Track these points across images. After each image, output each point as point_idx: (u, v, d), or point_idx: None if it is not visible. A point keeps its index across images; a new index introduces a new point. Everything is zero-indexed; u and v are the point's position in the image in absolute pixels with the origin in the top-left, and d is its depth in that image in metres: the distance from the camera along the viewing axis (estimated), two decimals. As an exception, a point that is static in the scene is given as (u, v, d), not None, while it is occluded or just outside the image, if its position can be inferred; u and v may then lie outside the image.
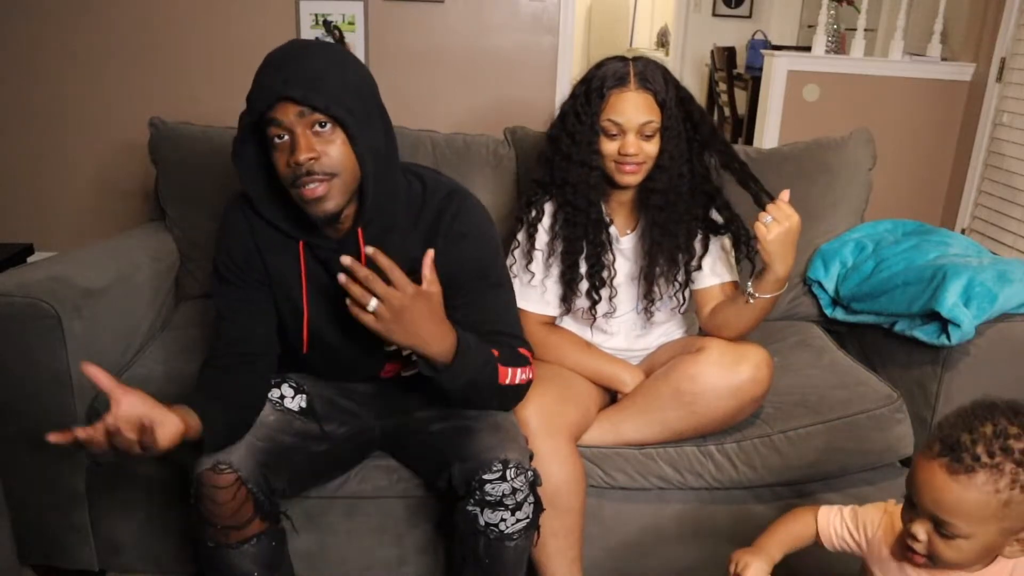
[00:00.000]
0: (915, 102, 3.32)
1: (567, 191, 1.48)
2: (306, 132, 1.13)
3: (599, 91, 1.43)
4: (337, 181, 1.16)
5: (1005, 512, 0.86)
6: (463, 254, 1.29)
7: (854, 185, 1.93)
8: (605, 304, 1.54)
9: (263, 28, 2.97)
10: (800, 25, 5.72)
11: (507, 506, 1.23)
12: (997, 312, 1.48)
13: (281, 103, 1.11)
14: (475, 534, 1.25)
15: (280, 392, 1.35)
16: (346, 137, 1.16)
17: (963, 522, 0.87)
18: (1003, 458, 0.86)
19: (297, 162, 1.12)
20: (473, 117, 3.08)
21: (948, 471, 0.87)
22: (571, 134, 1.46)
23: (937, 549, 0.90)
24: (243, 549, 1.23)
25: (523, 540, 1.27)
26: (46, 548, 1.57)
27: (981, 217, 3.24)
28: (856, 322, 1.80)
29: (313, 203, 1.16)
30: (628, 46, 7.22)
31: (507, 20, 3.07)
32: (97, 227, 3.11)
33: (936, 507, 0.88)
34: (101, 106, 2.99)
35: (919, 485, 0.90)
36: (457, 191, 1.34)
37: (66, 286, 1.46)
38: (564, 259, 1.51)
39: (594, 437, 1.49)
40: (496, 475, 1.21)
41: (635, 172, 1.44)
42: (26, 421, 1.46)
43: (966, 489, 0.86)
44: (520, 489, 1.23)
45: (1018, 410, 0.89)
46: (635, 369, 1.57)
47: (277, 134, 1.14)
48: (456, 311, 1.30)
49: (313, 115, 1.12)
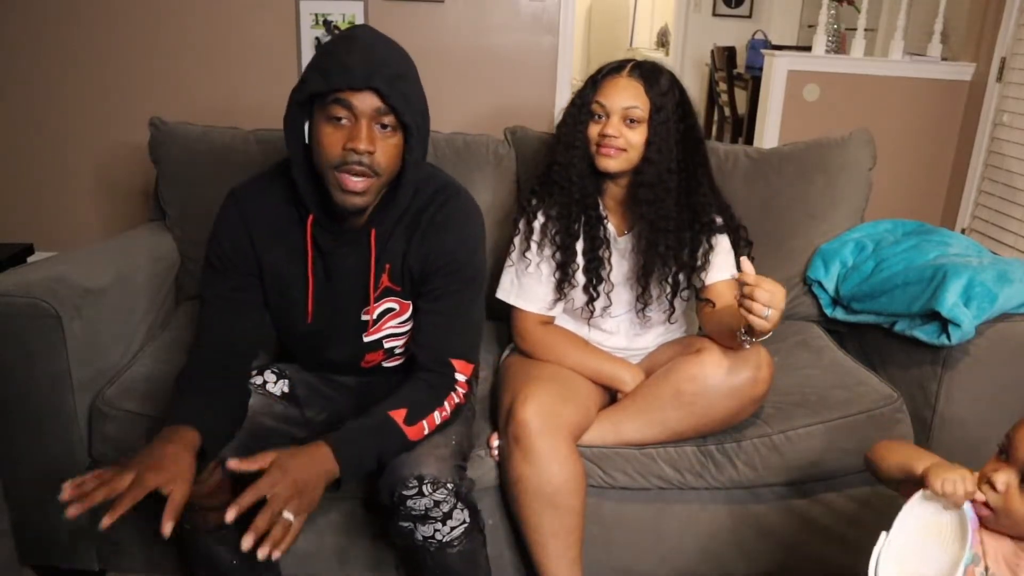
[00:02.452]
0: (915, 102, 3.32)
1: (557, 173, 1.50)
2: (372, 124, 1.14)
3: (594, 78, 1.48)
4: (376, 181, 1.17)
5: None
6: (439, 246, 1.30)
7: (854, 185, 1.93)
8: (603, 299, 1.54)
9: (263, 28, 2.97)
10: (800, 25, 5.72)
11: (435, 518, 1.22)
12: (997, 312, 1.48)
13: (363, 91, 1.12)
14: (417, 550, 1.25)
15: (263, 378, 1.37)
16: (403, 144, 1.17)
17: None
18: None
19: (356, 149, 1.12)
20: (473, 117, 3.08)
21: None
22: (566, 118, 1.50)
23: (1012, 502, 0.92)
24: (221, 534, 1.23)
25: (467, 544, 1.27)
26: (46, 548, 1.57)
27: (981, 217, 3.24)
28: (856, 322, 1.80)
29: (348, 194, 1.17)
30: (628, 46, 7.22)
31: (507, 20, 3.07)
32: (97, 227, 3.11)
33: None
34: (101, 106, 2.99)
35: (1020, 438, 0.92)
36: (449, 185, 1.35)
37: (66, 286, 1.46)
38: (560, 243, 1.51)
39: (594, 437, 1.49)
40: (413, 491, 1.20)
41: (614, 157, 1.45)
42: (26, 421, 1.46)
43: None
44: (444, 501, 1.21)
45: None
46: (635, 369, 1.57)
47: (340, 115, 1.14)
48: (421, 299, 1.33)
49: (386, 115, 1.14)
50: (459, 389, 1.32)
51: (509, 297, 1.57)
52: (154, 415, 1.46)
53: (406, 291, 1.34)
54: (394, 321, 1.36)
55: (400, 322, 1.37)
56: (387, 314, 1.35)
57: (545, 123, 3.14)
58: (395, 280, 1.32)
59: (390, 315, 1.35)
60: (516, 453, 1.37)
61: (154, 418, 1.45)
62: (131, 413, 1.46)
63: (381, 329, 1.36)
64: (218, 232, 1.31)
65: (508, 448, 1.39)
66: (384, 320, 1.36)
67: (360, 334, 1.36)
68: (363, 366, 1.41)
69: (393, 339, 1.38)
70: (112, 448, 1.47)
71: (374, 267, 1.29)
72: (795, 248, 1.91)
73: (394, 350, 1.40)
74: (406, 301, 1.35)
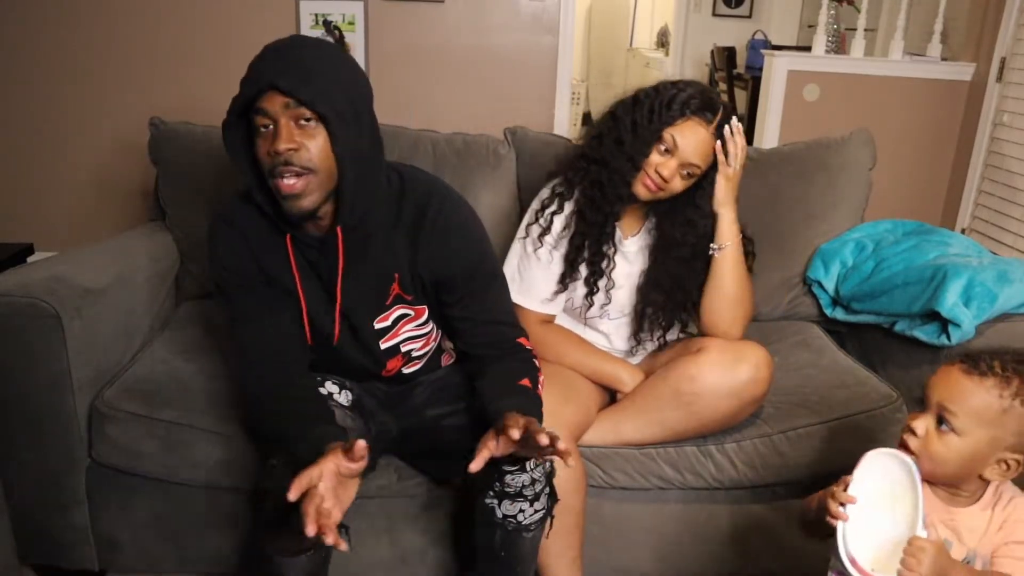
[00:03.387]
0: (915, 102, 3.32)
1: (602, 172, 1.46)
2: (289, 123, 1.14)
3: (684, 105, 1.40)
4: (313, 178, 1.16)
5: (1001, 420, 0.96)
6: (450, 251, 1.29)
7: (854, 185, 1.93)
8: (602, 295, 1.54)
9: (263, 28, 2.97)
10: (800, 25, 5.72)
11: (526, 497, 1.23)
12: (997, 312, 1.48)
13: (270, 92, 1.12)
14: (491, 526, 1.26)
15: (326, 389, 1.33)
16: (327, 135, 1.16)
17: (963, 415, 0.97)
18: (1013, 374, 0.97)
19: (276, 151, 1.12)
20: (473, 117, 3.08)
21: (964, 372, 0.99)
22: (635, 126, 1.42)
23: (930, 444, 0.99)
24: (297, 560, 1.22)
25: (538, 532, 1.28)
26: (46, 548, 1.57)
27: (981, 217, 3.24)
28: (856, 322, 1.80)
29: (290, 199, 1.16)
30: (628, 46, 7.22)
31: (507, 20, 3.06)
32: (97, 227, 3.10)
33: (945, 398, 0.98)
34: (101, 106, 2.99)
35: (935, 381, 1.01)
36: (436, 186, 1.34)
37: (66, 286, 1.46)
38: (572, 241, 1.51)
39: (594, 437, 1.49)
40: (516, 466, 1.21)
41: (652, 191, 1.44)
42: (26, 421, 1.46)
43: (976, 386, 0.97)
44: (539, 480, 1.23)
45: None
46: (635, 369, 1.57)
47: (263, 123, 1.15)
48: (452, 308, 1.31)
49: (299, 108, 1.13)
50: (536, 362, 1.33)
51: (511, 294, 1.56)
52: (153, 416, 1.46)
53: (418, 298, 1.33)
54: (410, 325, 1.36)
55: (416, 325, 1.36)
56: (402, 319, 1.34)
57: (545, 123, 3.14)
58: (405, 289, 1.31)
59: (405, 320, 1.35)
60: (516, 453, 1.37)
61: (153, 420, 1.45)
62: (131, 414, 1.46)
63: (397, 335, 1.35)
64: (218, 252, 1.29)
65: (508, 448, 1.39)
66: (400, 325, 1.35)
67: (376, 341, 1.34)
68: (384, 375, 1.40)
69: (411, 342, 1.38)
70: (112, 448, 1.47)
71: (342, 268, 1.26)
72: (795, 248, 1.91)
73: (412, 353, 1.39)
74: (420, 306, 1.34)
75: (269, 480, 1.17)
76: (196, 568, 1.57)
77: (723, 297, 1.52)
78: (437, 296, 1.33)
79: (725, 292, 1.52)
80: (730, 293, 1.52)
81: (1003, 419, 0.96)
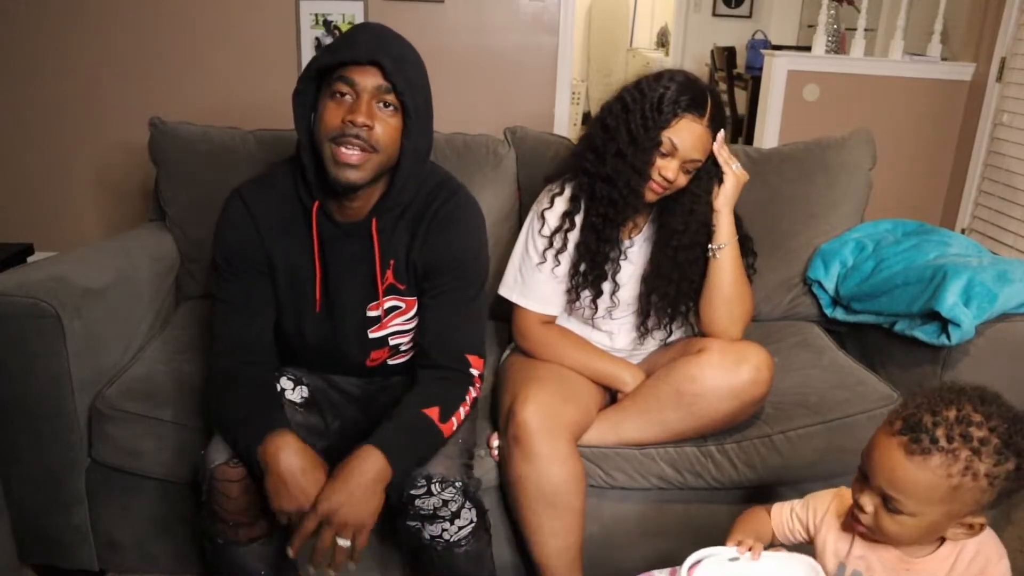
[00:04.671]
0: (915, 102, 3.32)
1: (612, 191, 1.44)
2: (372, 101, 1.16)
3: (674, 104, 1.38)
4: (375, 157, 1.18)
5: (953, 496, 0.88)
6: (445, 243, 1.30)
7: (854, 185, 1.93)
8: (607, 299, 1.54)
9: (263, 28, 2.97)
10: (800, 25, 5.72)
11: (443, 517, 1.23)
12: (997, 312, 1.48)
13: (367, 66, 1.14)
14: (424, 548, 1.26)
15: (280, 385, 1.35)
16: (402, 126, 1.18)
17: (911, 501, 0.89)
18: (960, 444, 0.87)
19: (353, 121, 1.14)
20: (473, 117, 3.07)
21: (905, 450, 0.88)
22: (633, 136, 1.40)
23: (882, 523, 0.93)
24: (252, 547, 1.24)
25: (474, 543, 1.27)
26: (46, 548, 1.57)
27: (981, 217, 3.24)
28: (856, 322, 1.80)
29: (343, 167, 1.17)
30: (628, 46, 7.22)
31: (507, 20, 3.06)
32: (97, 227, 3.11)
33: (888, 483, 0.90)
34: (101, 106, 2.99)
35: (874, 460, 0.92)
36: (449, 181, 1.35)
37: (66, 286, 1.46)
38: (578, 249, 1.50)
39: (594, 437, 1.49)
40: (422, 490, 1.21)
41: (659, 193, 1.44)
42: (26, 421, 1.46)
43: (920, 470, 0.87)
44: (451, 499, 1.22)
45: (985, 398, 0.90)
46: (636, 369, 1.57)
47: (343, 91, 1.16)
48: (426, 296, 1.32)
49: (388, 93, 1.16)
50: (476, 384, 1.33)
51: (512, 295, 1.56)
52: (153, 416, 1.46)
53: (410, 288, 1.34)
54: (400, 318, 1.36)
55: (406, 319, 1.37)
56: (392, 311, 1.35)
57: (545, 123, 3.14)
58: (399, 278, 1.32)
59: (395, 312, 1.35)
60: (516, 453, 1.37)
61: (153, 420, 1.45)
62: (131, 414, 1.46)
63: (387, 326, 1.36)
64: (224, 229, 1.30)
65: (508, 448, 1.39)
66: (390, 317, 1.35)
67: (366, 330, 1.35)
68: (369, 364, 1.41)
69: (399, 336, 1.38)
70: (112, 449, 1.47)
71: (379, 259, 1.29)
72: (795, 248, 1.91)
73: (399, 347, 1.40)
74: (411, 298, 1.35)
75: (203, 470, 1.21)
76: (196, 568, 1.57)
77: (722, 296, 1.52)
78: (417, 287, 1.34)
79: (725, 292, 1.52)
80: (729, 293, 1.52)
81: (955, 495, 0.88)
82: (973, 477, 0.87)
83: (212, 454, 1.21)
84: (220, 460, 1.20)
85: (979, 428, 0.87)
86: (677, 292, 1.53)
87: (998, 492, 0.89)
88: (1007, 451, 0.87)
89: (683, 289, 1.54)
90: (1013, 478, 0.88)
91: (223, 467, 1.19)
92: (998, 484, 0.88)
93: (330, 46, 1.19)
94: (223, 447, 1.21)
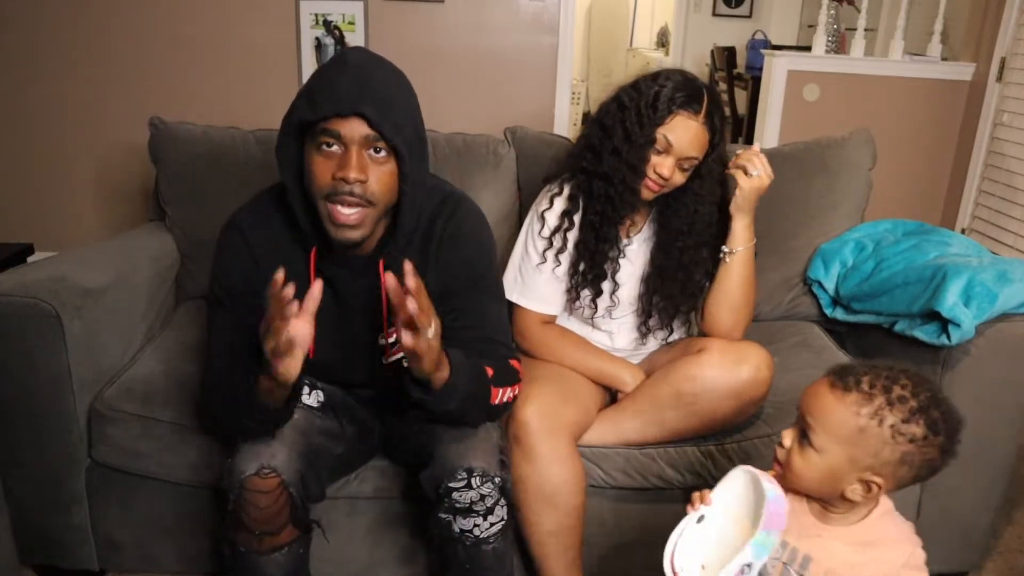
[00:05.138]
0: (915, 102, 3.32)
1: (609, 188, 1.45)
2: (362, 152, 1.10)
3: (670, 101, 1.39)
4: (372, 211, 1.14)
5: (858, 439, 0.94)
6: (456, 258, 1.28)
7: (854, 185, 1.93)
8: (607, 299, 1.54)
9: (263, 28, 2.97)
10: (800, 25, 5.72)
11: (478, 512, 1.21)
12: (997, 312, 1.48)
13: (351, 118, 1.09)
14: (452, 541, 1.24)
15: None
16: (397, 169, 1.14)
17: (821, 431, 0.96)
18: (879, 393, 0.94)
19: (345, 179, 1.09)
20: (473, 117, 3.08)
21: (830, 385, 0.97)
22: (628, 133, 1.41)
23: (792, 458, 0.99)
24: (273, 556, 1.22)
25: (500, 542, 1.26)
26: (46, 548, 1.57)
27: (981, 217, 3.24)
28: (856, 322, 1.79)
29: (342, 228, 1.13)
30: (628, 46, 7.22)
31: (507, 20, 3.07)
32: (97, 227, 3.11)
33: (807, 410, 0.97)
34: (101, 106, 2.99)
35: (804, 395, 1.00)
36: (452, 195, 1.33)
37: (66, 286, 1.46)
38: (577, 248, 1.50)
39: (594, 437, 1.49)
40: (462, 483, 1.19)
41: (655, 191, 1.45)
42: (26, 421, 1.46)
43: (837, 402, 0.95)
44: (489, 495, 1.21)
45: (922, 378, 0.97)
46: (636, 369, 1.57)
47: (329, 142, 1.11)
48: (448, 316, 1.27)
49: (377, 141, 1.10)
50: (519, 385, 1.30)
51: (512, 295, 1.56)
52: (153, 417, 1.46)
53: None
54: None
55: None
56: None
57: (545, 123, 3.14)
58: None
59: None
60: (516, 453, 1.37)
61: (153, 420, 1.45)
62: (130, 414, 1.46)
63: (400, 351, 1.32)
64: (223, 261, 1.27)
65: (508, 448, 1.39)
66: None
67: (379, 358, 1.32)
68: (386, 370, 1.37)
69: None
70: (112, 449, 1.47)
71: (386, 300, 1.25)
72: (795, 248, 1.91)
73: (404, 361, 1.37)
74: None
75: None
76: (196, 568, 1.57)
77: (729, 301, 1.52)
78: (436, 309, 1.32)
79: (732, 297, 1.52)
80: (736, 298, 1.52)
81: (859, 438, 0.93)
82: (879, 423, 0.93)
83: (241, 464, 1.18)
84: (250, 471, 1.16)
85: (902, 389, 0.94)
86: (681, 292, 1.54)
87: (901, 458, 0.93)
88: (919, 416, 0.93)
89: (688, 290, 1.54)
90: (919, 444, 0.93)
91: (253, 478, 1.16)
92: (901, 443, 0.93)
93: (309, 94, 1.12)
94: (251, 456, 1.18)
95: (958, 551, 1.65)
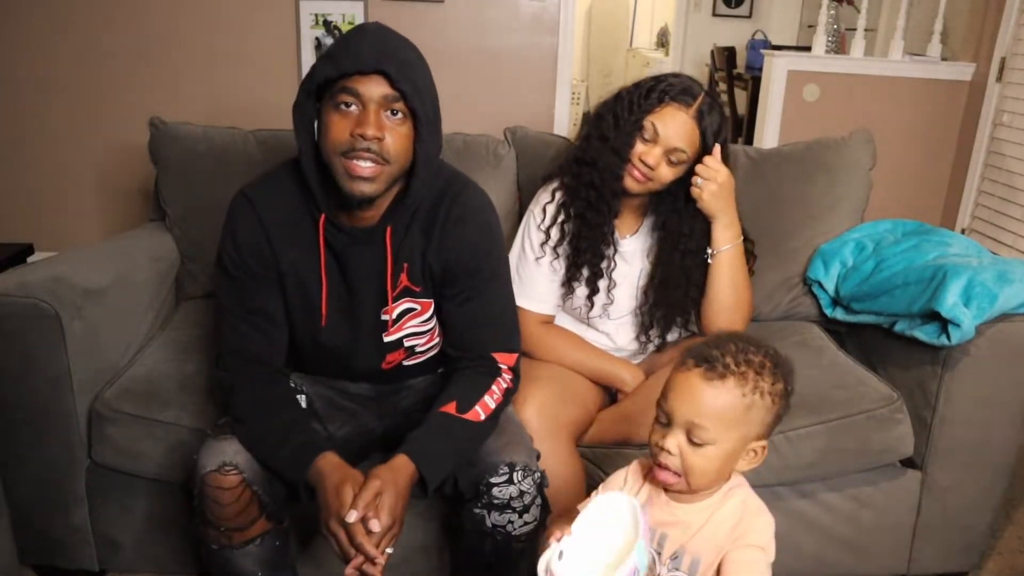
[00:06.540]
0: (915, 102, 3.32)
1: (593, 173, 1.46)
2: (380, 111, 1.13)
3: (662, 93, 1.41)
4: (388, 169, 1.16)
5: (747, 417, 0.97)
6: (459, 240, 1.28)
7: (854, 185, 1.93)
8: (603, 296, 1.54)
9: (263, 28, 2.97)
10: (800, 25, 5.72)
11: (515, 508, 1.21)
12: (997, 312, 1.48)
13: (371, 75, 1.11)
14: (481, 535, 1.24)
15: None
16: (413, 133, 1.16)
17: (713, 426, 0.96)
18: (746, 367, 0.97)
19: (364, 135, 1.11)
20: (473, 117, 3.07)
21: (704, 378, 0.97)
22: (617, 119, 1.44)
23: (688, 461, 0.98)
24: (246, 550, 1.22)
25: (529, 543, 1.26)
26: (46, 548, 1.57)
27: (981, 217, 3.24)
28: (856, 322, 1.79)
29: (357, 180, 1.14)
30: (628, 46, 7.22)
31: (507, 20, 3.07)
32: (97, 227, 3.11)
33: (693, 412, 0.97)
34: (101, 106, 2.99)
35: (676, 396, 0.99)
36: (459, 176, 1.33)
37: (66, 286, 1.46)
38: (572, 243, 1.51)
39: (594, 437, 1.49)
40: (503, 478, 1.20)
41: (639, 182, 1.44)
42: (26, 421, 1.46)
43: (719, 392, 0.96)
44: (528, 491, 1.22)
45: (745, 337, 1.02)
46: (636, 368, 1.57)
47: (347, 101, 1.12)
48: (448, 301, 1.30)
49: (395, 102, 1.13)
50: (505, 376, 1.31)
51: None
52: (153, 417, 1.46)
53: (427, 290, 1.31)
54: (415, 320, 1.34)
55: (421, 321, 1.34)
56: (407, 314, 1.33)
57: (545, 123, 3.14)
58: (414, 280, 1.30)
59: (410, 315, 1.33)
60: (516, 453, 1.37)
61: (153, 421, 1.45)
62: (130, 415, 1.46)
63: (401, 328, 1.33)
64: (233, 233, 1.26)
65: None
66: (404, 320, 1.33)
67: (380, 334, 1.33)
68: (384, 368, 1.38)
69: (414, 338, 1.36)
70: (111, 449, 1.47)
71: (391, 267, 1.27)
72: (795, 248, 1.91)
73: (415, 348, 1.37)
74: (427, 300, 1.33)
75: None
76: (195, 568, 1.57)
77: (719, 303, 1.53)
78: (437, 292, 1.32)
79: (722, 298, 1.52)
80: (727, 299, 1.52)
81: (748, 415, 0.97)
82: (760, 395, 0.97)
83: (203, 459, 1.18)
84: (211, 467, 1.17)
85: (755, 355, 0.99)
86: (685, 297, 1.54)
87: (776, 416, 1.00)
88: (776, 373, 0.99)
89: (692, 295, 1.54)
90: (784, 397, 1.00)
91: (214, 474, 1.16)
92: (776, 404, 0.99)
93: (330, 55, 1.14)
94: (215, 452, 1.19)
95: (958, 551, 1.65)
